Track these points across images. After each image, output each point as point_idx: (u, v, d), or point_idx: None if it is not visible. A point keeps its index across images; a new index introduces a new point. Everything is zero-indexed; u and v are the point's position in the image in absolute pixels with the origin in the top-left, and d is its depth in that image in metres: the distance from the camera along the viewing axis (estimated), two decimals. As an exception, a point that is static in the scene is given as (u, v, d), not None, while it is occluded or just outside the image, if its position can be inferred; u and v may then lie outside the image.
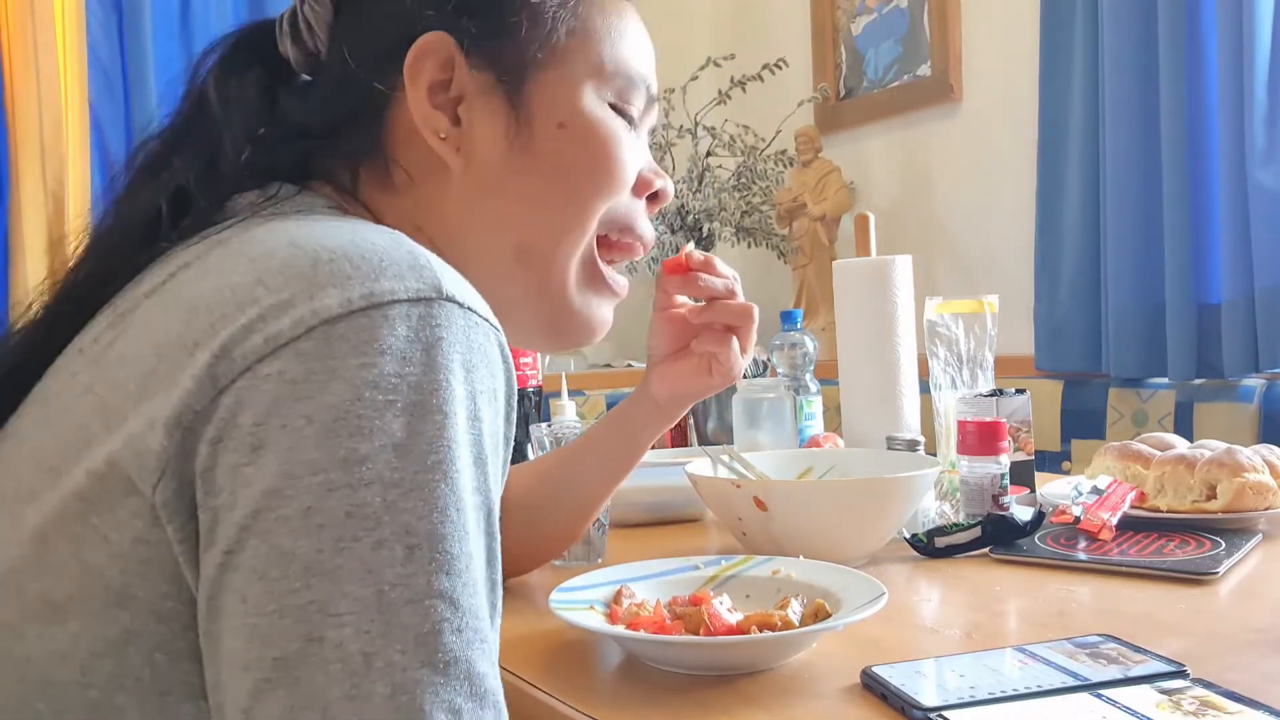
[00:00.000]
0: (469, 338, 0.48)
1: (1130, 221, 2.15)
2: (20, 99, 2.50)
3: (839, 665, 0.73)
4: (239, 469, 0.44)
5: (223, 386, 0.45)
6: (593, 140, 0.66)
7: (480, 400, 0.48)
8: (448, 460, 0.45)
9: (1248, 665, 0.71)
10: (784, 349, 1.58)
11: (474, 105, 0.64)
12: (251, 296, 0.46)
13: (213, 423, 0.44)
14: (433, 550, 0.44)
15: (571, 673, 0.78)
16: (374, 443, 0.43)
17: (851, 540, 1.00)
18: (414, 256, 0.49)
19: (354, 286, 0.46)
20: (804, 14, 3.14)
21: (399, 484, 0.44)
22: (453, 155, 0.63)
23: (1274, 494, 1.10)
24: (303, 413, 0.43)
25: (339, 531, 0.42)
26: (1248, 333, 1.98)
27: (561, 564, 1.07)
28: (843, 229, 2.91)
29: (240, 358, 0.45)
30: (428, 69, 0.62)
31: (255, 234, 0.52)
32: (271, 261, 0.48)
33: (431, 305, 0.47)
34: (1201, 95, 2.06)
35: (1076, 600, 0.89)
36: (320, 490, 0.43)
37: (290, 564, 0.42)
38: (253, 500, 0.43)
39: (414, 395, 0.45)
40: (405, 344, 0.45)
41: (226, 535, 0.43)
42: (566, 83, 0.66)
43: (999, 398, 1.19)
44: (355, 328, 0.45)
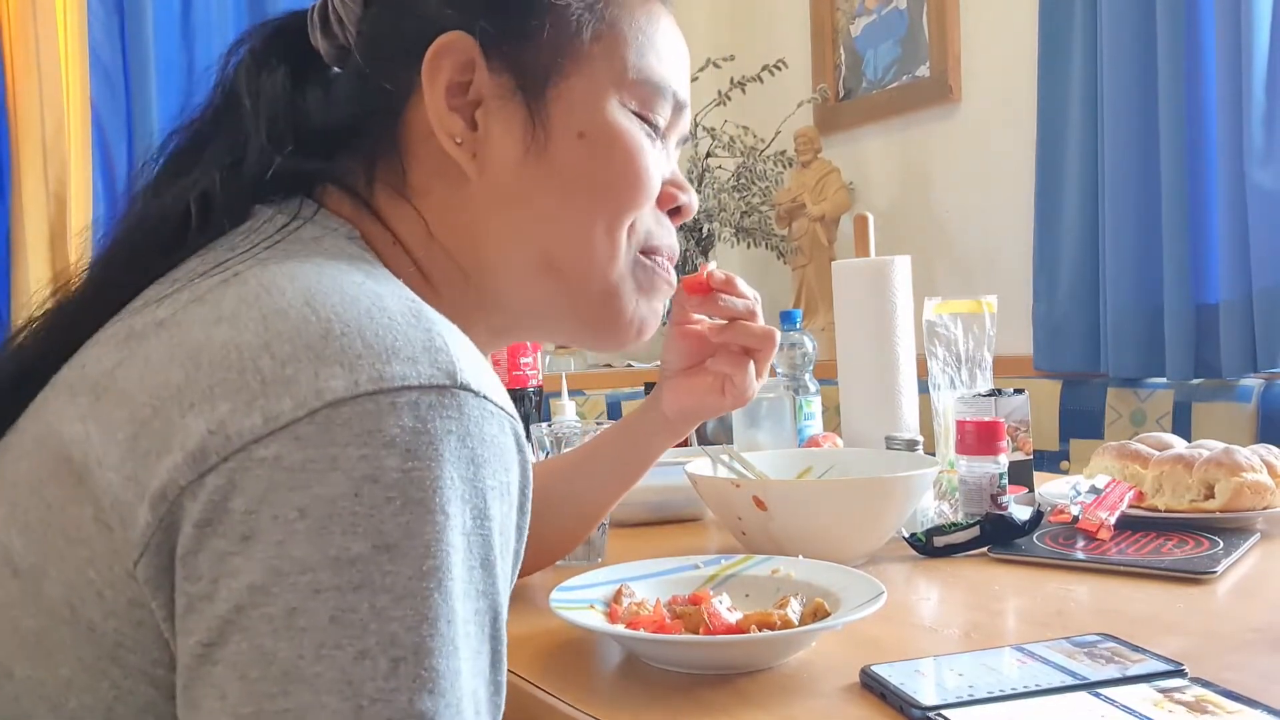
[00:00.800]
0: (482, 430, 0.45)
1: (1129, 222, 2.15)
2: (22, 99, 2.50)
3: (838, 664, 0.74)
4: (225, 557, 0.41)
5: (212, 464, 0.42)
6: (614, 151, 0.63)
7: (490, 497, 0.45)
8: (444, 567, 0.42)
9: (1246, 664, 0.71)
10: (784, 349, 1.58)
11: (492, 110, 0.61)
12: (255, 364, 0.44)
13: (200, 502, 0.42)
14: (418, 666, 0.41)
15: (571, 672, 0.78)
16: (368, 543, 0.41)
17: (851, 540, 1.00)
18: (431, 337, 0.46)
19: (363, 368, 0.43)
20: (803, 15, 3.14)
21: (390, 590, 0.41)
22: (468, 161, 0.60)
23: (1272, 493, 1.10)
24: (296, 504, 0.41)
25: (321, 637, 0.40)
26: (1246, 333, 1.98)
27: (562, 564, 1.07)
28: (842, 229, 2.92)
29: (236, 436, 0.42)
30: (446, 69, 0.59)
31: (273, 280, 0.48)
32: (283, 324, 0.45)
33: (444, 394, 0.44)
34: (1200, 95, 2.07)
35: (1075, 599, 0.89)
36: (307, 591, 0.40)
37: (270, 666, 0.40)
38: (237, 594, 0.41)
39: (416, 493, 0.42)
40: (411, 436, 0.42)
41: (207, 626, 0.41)
42: (589, 90, 0.62)
43: (997, 397, 1.19)
44: (359, 414, 0.42)
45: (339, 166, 0.61)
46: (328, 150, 0.61)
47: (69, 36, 2.55)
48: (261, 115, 0.59)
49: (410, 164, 0.61)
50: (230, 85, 0.62)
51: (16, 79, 2.50)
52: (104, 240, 0.59)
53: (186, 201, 0.56)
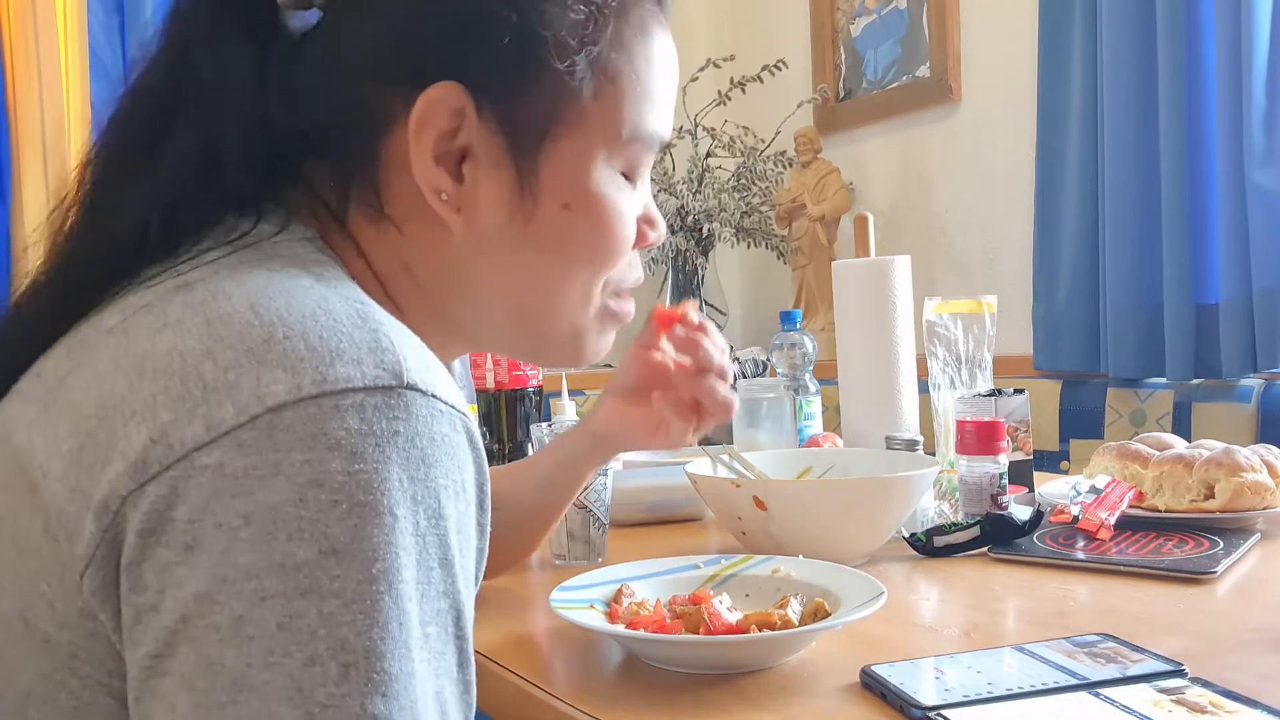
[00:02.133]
0: (431, 429, 0.44)
1: (1129, 222, 2.15)
2: (22, 100, 2.50)
3: (838, 664, 0.74)
4: (169, 567, 0.41)
5: (154, 473, 0.41)
6: (597, 223, 0.60)
7: (444, 496, 0.44)
8: (393, 569, 0.41)
9: (1246, 664, 0.71)
10: (783, 349, 1.59)
11: (480, 166, 0.57)
12: (198, 370, 0.43)
13: (142, 512, 0.41)
14: (369, 669, 0.40)
15: (571, 672, 0.78)
16: (314, 548, 0.40)
17: (851, 540, 1.00)
18: (377, 337, 0.45)
19: (305, 371, 0.42)
20: (803, 15, 3.14)
21: (338, 594, 0.40)
22: (452, 215, 0.57)
23: (1272, 493, 1.10)
24: (240, 511, 0.40)
25: (269, 644, 0.39)
26: (1246, 333, 1.98)
27: (561, 564, 1.07)
28: (842, 229, 2.92)
29: (178, 444, 0.41)
30: (435, 122, 0.55)
31: (221, 286, 0.47)
32: (226, 330, 0.44)
33: (390, 395, 0.43)
34: (1200, 96, 2.06)
35: (1075, 599, 0.89)
36: (253, 598, 0.39)
37: (218, 675, 0.39)
38: (183, 604, 0.40)
39: (363, 495, 0.41)
40: (357, 438, 0.42)
41: (154, 637, 0.41)
42: (578, 156, 0.59)
43: (997, 397, 1.19)
44: (302, 418, 0.41)
45: (312, 173, 0.57)
46: (295, 149, 0.56)
47: (69, 36, 2.55)
48: (229, 97, 0.55)
49: (387, 195, 0.57)
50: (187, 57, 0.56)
51: (16, 79, 2.50)
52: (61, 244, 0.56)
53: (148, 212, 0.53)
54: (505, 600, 0.98)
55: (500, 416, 1.49)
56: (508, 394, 1.49)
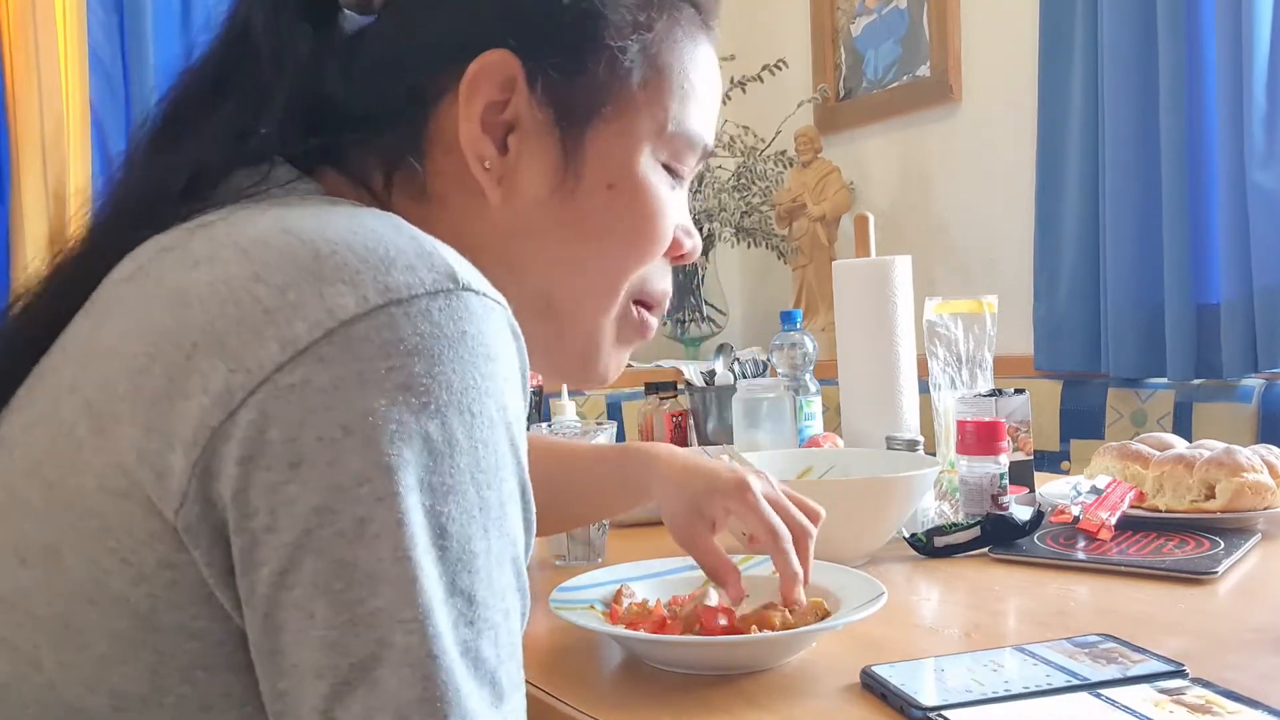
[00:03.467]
0: (488, 326, 0.46)
1: (1129, 222, 2.15)
2: (21, 99, 2.50)
3: (839, 665, 0.74)
4: (278, 487, 0.42)
5: (241, 400, 0.42)
6: (638, 208, 0.61)
7: (505, 388, 0.47)
8: (475, 461, 0.45)
9: (1246, 664, 0.71)
10: (784, 349, 1.59)
11: (526, 139, 0.58)
12: (251, 294, 0.44)
13: (236, 440, 0.42)
14: (460, 551, 0.44)
15: (571, 673, 0.78)
16: (413, 447, 0.43)
17: (851, 540, 1.00)
18: (419, 243, 0.46)
19: (366, 282, 0.44)
20: (804, 15, 3.14)
21: (435, 489, 0.43)
22: (493, 186, 0.58)
23: (1273, 494, 1.10)
24: (338, 422, 0.42)
25: (394, 539, 0.42)
26: (1246, 333, 1.98)
27: (561, 564, 1.07)
28: (842, 229, 2.91)
29: (256, 367, 0.42)
30: (485, 90, 0.56)
31: (241, 218, 0.48)
32: (267, 253, 0.45)
33: (451, 297, 0.45)
34: (1201, 96, 2.06)
35: (1075, 600, 0.89)
36: (370, 500, 0.42)
37: (354, 574, 0.42)
38: (303, 518, 0.42)
39: (446, 395, 0.44)
40: (431, 341, 0.44)
41: (277, 556, 0.42)
42: (625, 140, 0.60)
43: (998, 398, 1.19)
44: (377, 327, 0.43)
45: (352, 156, 0.58)
46: (341, 135, 0.57)
47: (68, 36, 2.55)
48: (283, 80, 0.56)
49: (431, 170, 0.58)
50: (245, 30, 0.57)
51: (16, 79, 2.50)
52: (99, 209, 0.58)
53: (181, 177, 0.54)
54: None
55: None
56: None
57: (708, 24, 0.64)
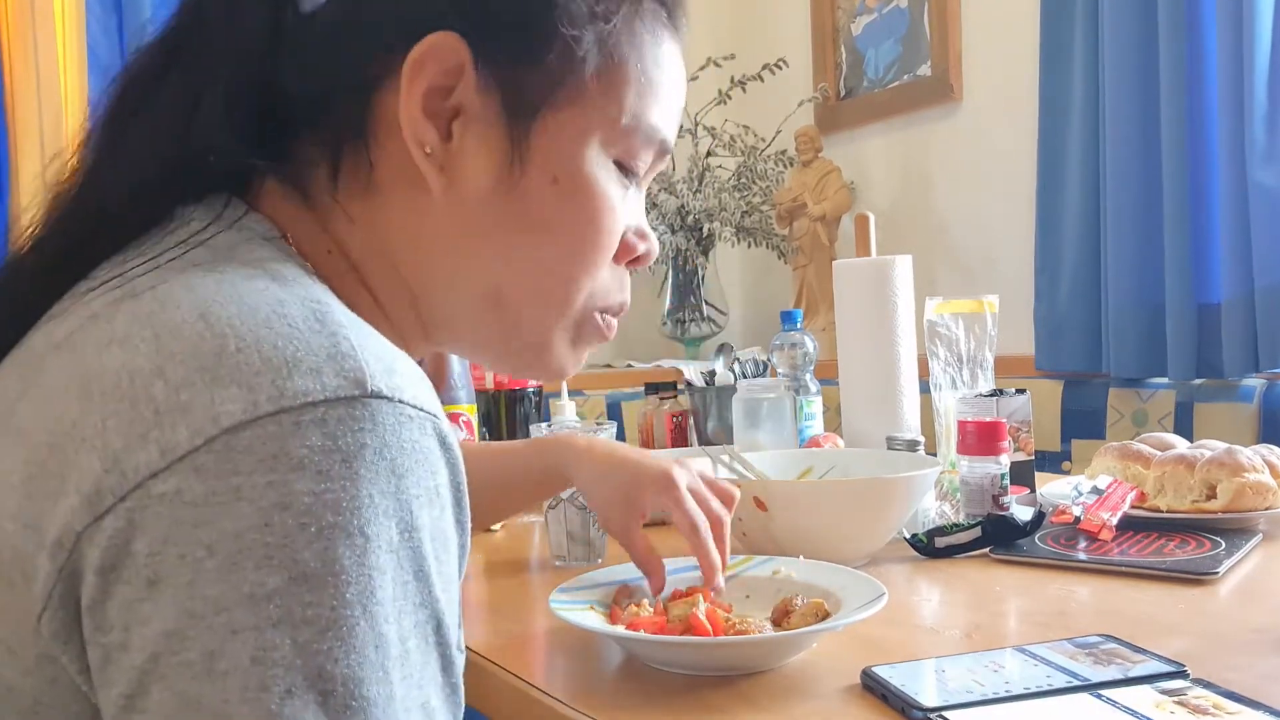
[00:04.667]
0: (399, 437, 0.42)
1: (1130, 221, 2.15)
2: (20, 98, 2.50)
3: (839, 665, 0.73)
4: (133, 604, 0.39)
5: (109, 505, 0.39)
6: (583, 204, 0.58)
7: (416, 507, 0.42)
8: (366, 591, 0.40)
9: (1247, 665, 0.71)
10: (784, 349, 1.58)
11: (471, 126, 0.55)
12: (149, 392, 0.41)
13: (100, 548, 0.39)
14: (348, 696, 0.39)
15: (571, 673, 0.78)
16: (284, 575, 0.38)
17: (851, 540, 1.00)
18: (336, 341, 0.43)
19: (261, 387, 0.40)
20: (804, 14, 3.14)
21: (311, 622, 0.39)
22: (435, 174, 0.55)
23: (1274, 494, 1.10)
24: (203, 541, 0.38)
25: (245, 679, 0.38)
26: (1248, 332, 1.97)
27: (561, 564, 1.07)
28: (843, 229, 2.91)
29: (131, 471, 0.39)
30: (430, 73, 0.53)
31: (170, 294, 0.45)
32: (176, 344, 0.42)
33: (354, 405, 0.41)
34: (1201, 95, 2.06)
35: (1076, 600, 0.89)
36: (224, 632, 0.38)
37: (196, 713, 0.38)
38: (151, 642, 0.38)
39: (331, 516, 0.39)
40: (321, 455, 0.40)
41: (126, 678, 0.39)
42: (573, 132, 0.57)
43: (999, 398, 1.19)
44: (261, 437, 0.39)
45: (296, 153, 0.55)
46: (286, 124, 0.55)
47: (67, 35, 2.55)
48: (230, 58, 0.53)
49: (376, 159, 0.55)
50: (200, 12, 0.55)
51: (15, 78, 2.50)
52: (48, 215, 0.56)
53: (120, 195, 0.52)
54: (505, 601, 0.98)
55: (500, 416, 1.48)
56: (507, 394, 1.49)
57: (673, 21, 0.61)
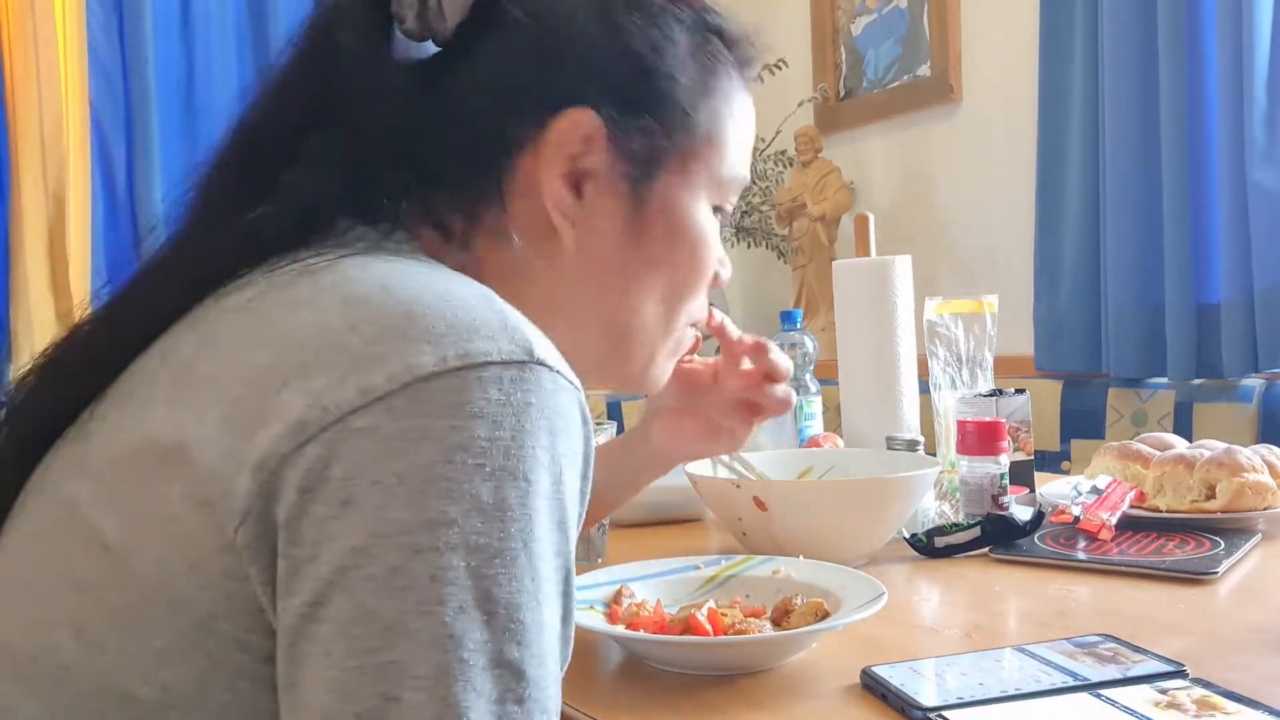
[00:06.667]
0: (556, 402, 0.48)
1: (1130, 221, 2.15)
2: (21, 99, 2.50)
3: (839, 665, 0.74)
4: (326, 522, 0.44)
5: (311, 434, 0.44)
6: (695, 248, 0.67)
7: (564, 464, 0.48)
8: (529, 528, 0.45)
9: (1247, 665, 0.71)
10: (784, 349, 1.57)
11: (600, 187, 0.62)
12: (344, 342, 0.46)
13: (300, 470, 0.44)
14: (509, 619, 0.44)
15: (572, 673, 0.78)
16: (461, 506, 0.44)
17: (851, 540, 1.00)
18: (504, 317, 0.49)
19: (448, 345, 0.46)
20: (804, 14, 3.14)
21: (482, 550, 0.44)
22: (569, 230, 0.62)
23: (1273, 494, 1.10)
24: (393, 470, 0.44)
25: (422, 595, 0.43)
26: (1247, 333, 1.98)
27: (562, 564, 1.07)
28: (843, 229, 2.91)
29: (333, 407, 0.45)
30: (569, 145, 0.60)
31: (346, 271, 0.51)
32: (365, 309, 0.48)
33: (523, 369, 0.47)
34: (1201, 95, 2.06)
35: (1076, 600, 0.89)
36: (407, 551, 0.43)
37: (374, 622, 0.42)
38: (339, 556, 0.43)
39: (502, 461, 0.45)
40: (496, 408, 0.45)
41: (311, 588, 0.43)
42: (687, 188, 0.66)
43: (998, 398, 1.19)
44: (448, 388, 0.45)
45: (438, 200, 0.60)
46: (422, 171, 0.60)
47: (68, 36, 2.55)
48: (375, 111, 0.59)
49: (513, 210, 0.61)
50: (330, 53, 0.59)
51: (15, 79, 2.50)
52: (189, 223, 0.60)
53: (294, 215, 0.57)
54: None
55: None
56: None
57: (747, 82, 0.71)
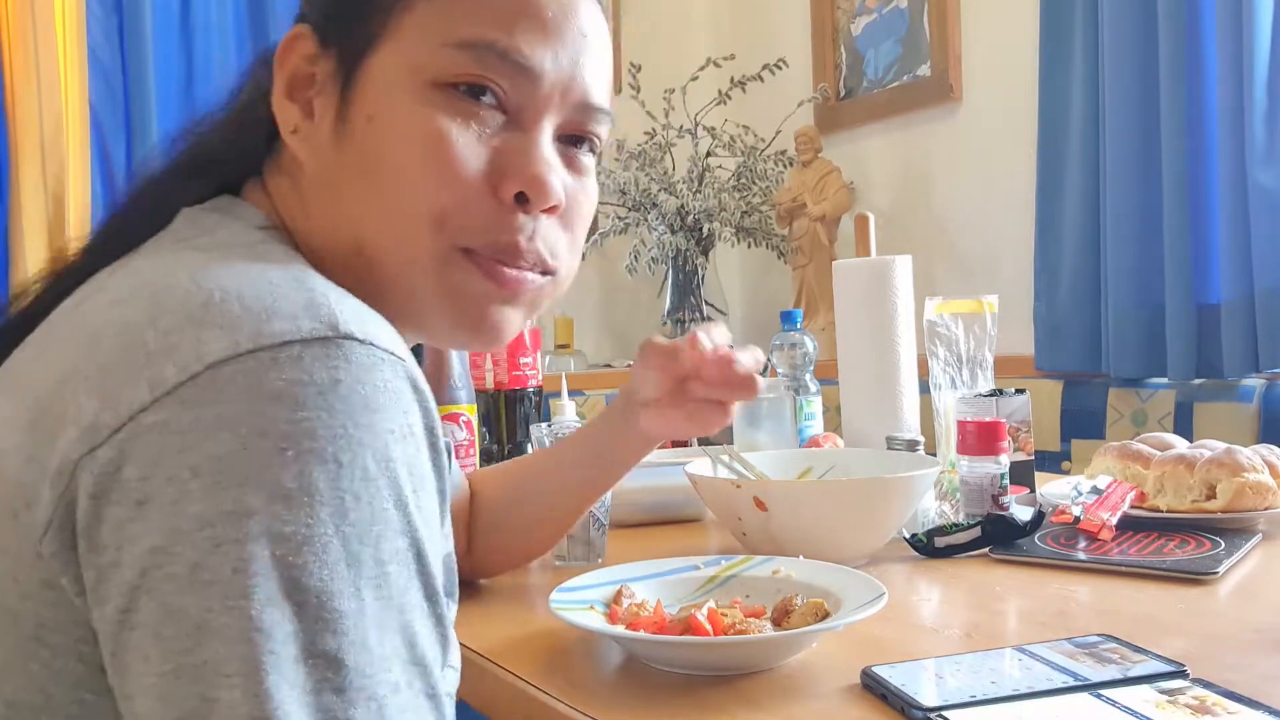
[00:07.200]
0: (371, 376, 0.45)
1: (1130, 221, 2.15)
2: (21, 100, 2.50)
3: (839, 665, 0.73)
4: (124, 524, 0.42)
5: (103, 437, 0.43)
6: (402, 135, 0.56)
7: (391, 440, 0.45)
8: (339, 513, 0.43)
9: (1247, 665, 0.71)
10: (784, 349, 1.58)
11: (322, 95, 0.59)
12: (141, 338, 0.45)
13: (92, 475, 0.43)
14: (321, 608, 0.42)
15: (571, 673, 0.78)
16: (262, 494, 0.41)
17: (851, 540, 1.00)
18: (311, 294, 0.46)
19: (241, 328, 0.44)
20: (804, 14, 3.14)
21: (288, 538, 0.42)
22: (302, 149, 0.59)
23: (1273, 494, 1.10)
24: (188, 464, 0.42)
25: (226, 589, 0.41)
26: (1247, 333, 1.98)
27: (561, 564, 1.07)
28: (843, 229, 2.91)
29: (124, 406, 0.43)
30: (291, 62, 0.59)
31: (162, 262, 0.51)
32: (169, 299, 0.46)
33: (328, 345, 0.44)
34: (1201, 95, 2.06)
35: (1076, 600, 0.89)
36: (208, 546, 0.41)
37: (182, 622, 0.41)
38: (141, 557, 0.41)
39: (308, 443, 0.42)
40: (297, 388, 0.43)
41: (119, 593, 0.42)
42: (392, 65, 0.56)
43: (999, 398, 1.19)
44: (241, 371, 0.43)
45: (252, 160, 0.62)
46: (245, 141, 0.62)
47: (67, 36, 2.54)
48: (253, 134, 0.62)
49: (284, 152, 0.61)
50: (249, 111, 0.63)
51: (15, 79, 2.50)
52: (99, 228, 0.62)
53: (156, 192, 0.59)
54: (505, 601, 0.98)
55: (500, 416, 1.48)
56: (507, 394, 1.49)
57: None
